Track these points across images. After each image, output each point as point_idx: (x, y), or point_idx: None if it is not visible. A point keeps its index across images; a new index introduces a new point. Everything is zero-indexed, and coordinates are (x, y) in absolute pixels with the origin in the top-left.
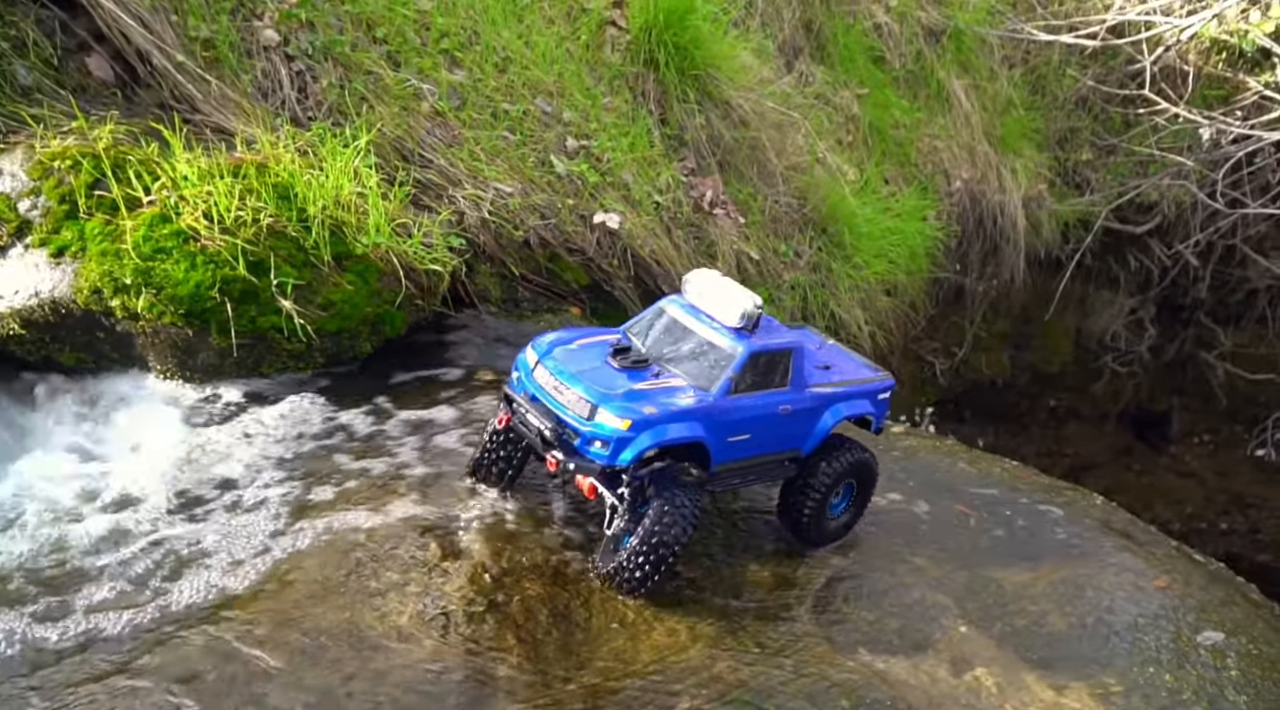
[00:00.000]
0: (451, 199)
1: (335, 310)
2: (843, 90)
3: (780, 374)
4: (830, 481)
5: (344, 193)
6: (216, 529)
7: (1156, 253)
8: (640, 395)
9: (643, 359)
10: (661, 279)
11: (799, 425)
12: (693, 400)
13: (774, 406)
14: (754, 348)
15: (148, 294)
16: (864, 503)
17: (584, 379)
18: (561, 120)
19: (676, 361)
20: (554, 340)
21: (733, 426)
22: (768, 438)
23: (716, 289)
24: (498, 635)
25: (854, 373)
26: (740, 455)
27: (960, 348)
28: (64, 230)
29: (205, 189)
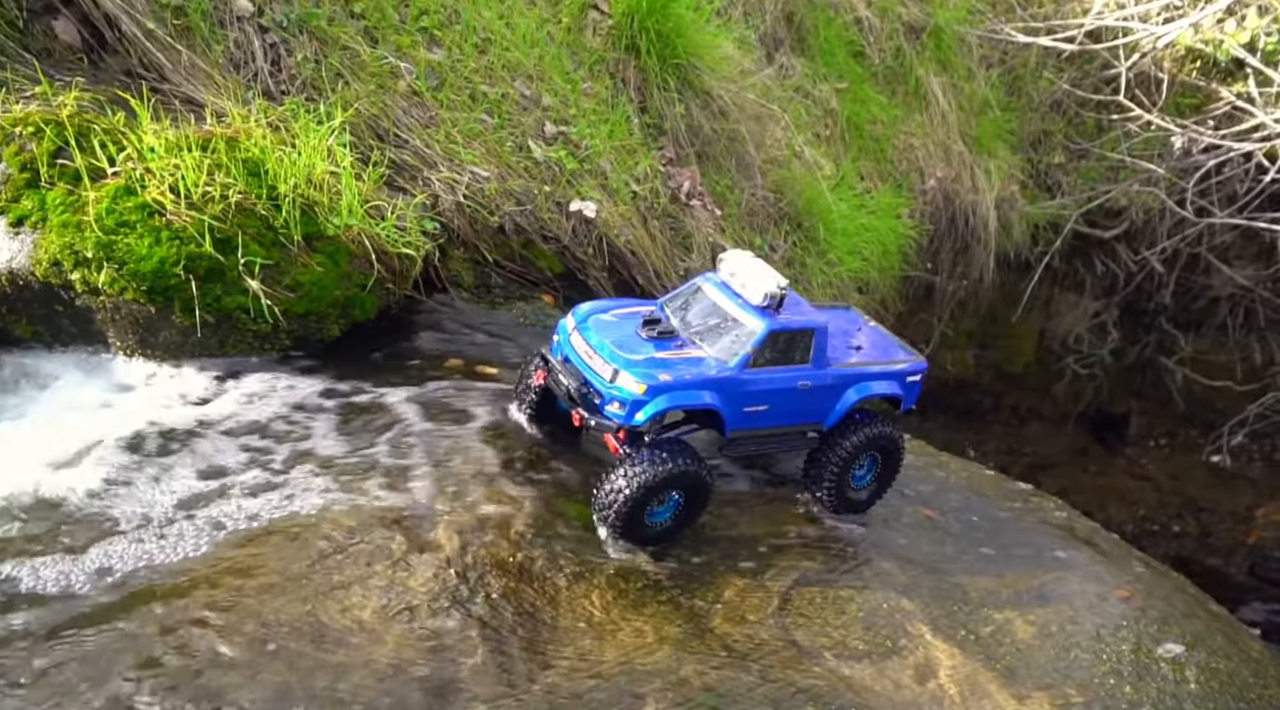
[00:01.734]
0: (426, 181)
1: (304, 292)
2: (821, 84)
3: (801, 351)
4: (849, 453)
5: (316, 171)
6: (167, 511)
7: (1123, 258)
8: (660, 363)
9: (670, 330)
10: (636, 269)
11: (820, 400)
12: (711, 371)
13: (793, 381)
14: (774, 326)
15: (109, 268)
16: (891, 475)
17: (611, 345)
18: (540, 105)
19: (704, 334)
20: (591, 309)
21: (750, 397)
22: (786, 410)
23: (747, 269)
24: (462, 632)
25: (885, 355)
26: (758, 424)
27: (926, 345)
28: (24, 199)
29: (172, 162)
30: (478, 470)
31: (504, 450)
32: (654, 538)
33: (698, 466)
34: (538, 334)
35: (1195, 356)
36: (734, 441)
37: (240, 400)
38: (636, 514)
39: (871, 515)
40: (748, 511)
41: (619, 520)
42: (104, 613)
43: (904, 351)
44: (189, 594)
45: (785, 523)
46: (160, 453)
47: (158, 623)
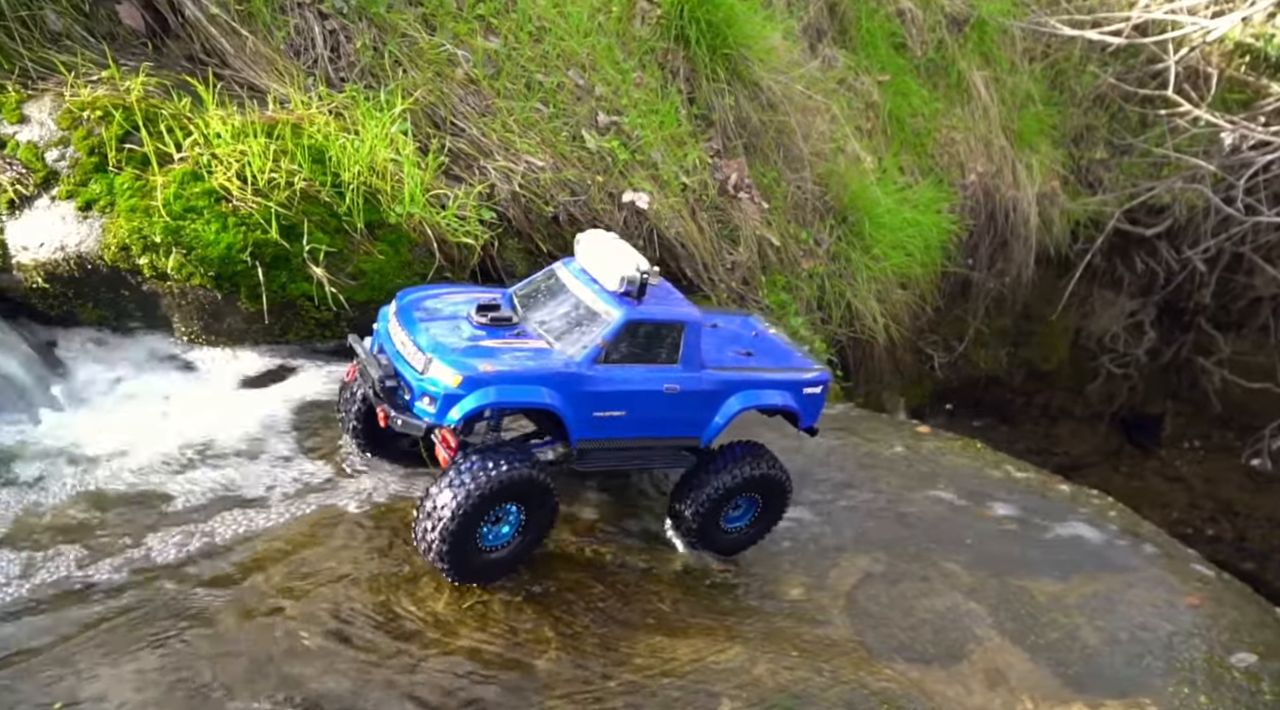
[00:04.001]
0: (482, 170)
1: (365, 280)
2: (863, 76)
3: (667, 349)
4: (722, 492)
5: (379, 159)
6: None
7: (1164, 256)
8: (484, 352)
9: (506, 317)
10: (685, 261)
11: (692, 409)
12: (550, 364)
13: (656, 383)
14: (632, 316)
15: (177, 254)
16: (769, 522)
17: (430, 331)
18: (594, 94)
19: (552, 325)
20: (421, 292)
21: (602, 399)
22: (650, 418)
23: (605, 251)
24: (536, 626)
25: (778, 363)
26: (614, 434)
27: (960, 342)
28: (93, 183)
29: (238, 148)
30: None
31: None
32: (492, 569)
33: (536, 470)
34: None
35: (1234, 358)
36: (585, 454)
37: (300, 386)
38: (466, 537)
39: (932, 513)
40: (804, 507)
41: (446, 546)
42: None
43: (804, 360)
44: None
45: (841, 515)
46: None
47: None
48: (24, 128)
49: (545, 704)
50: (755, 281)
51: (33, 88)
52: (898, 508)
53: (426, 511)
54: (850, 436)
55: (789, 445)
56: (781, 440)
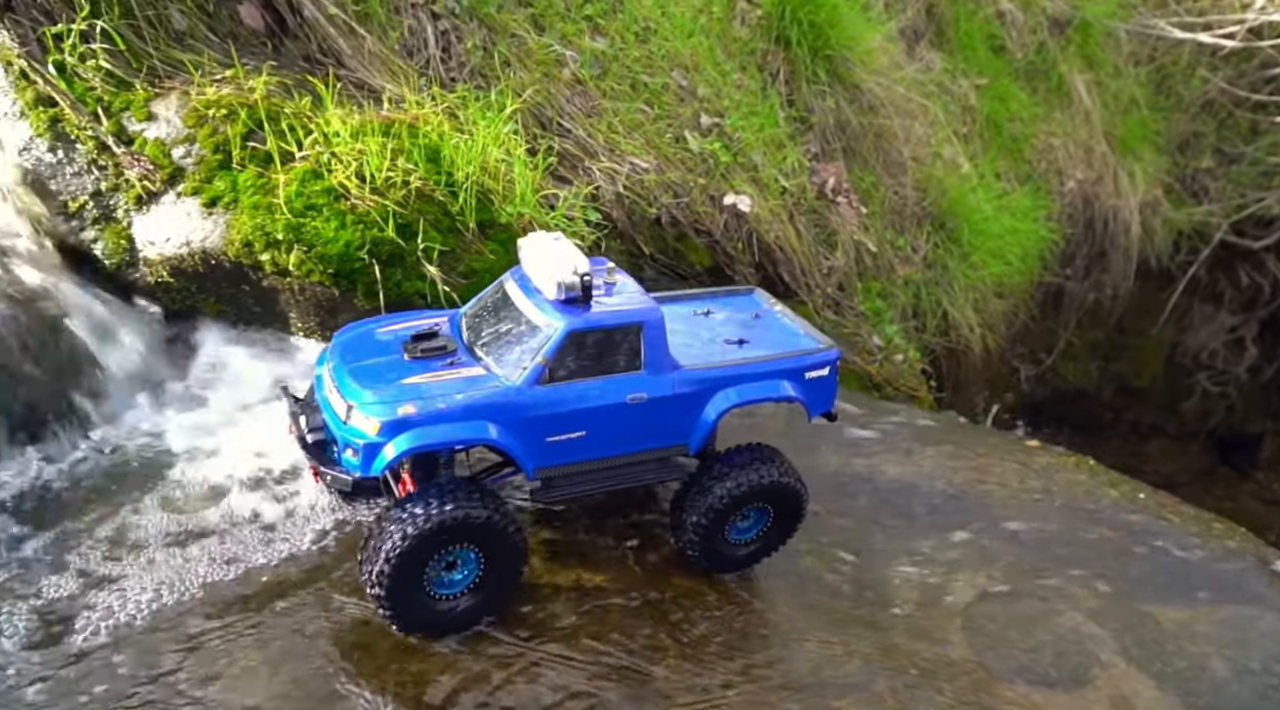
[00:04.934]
0: (587, 171)
1: (476, 279)
2: (961, 79)
3: (626, 355)
4: (726, 502)
5: (491, 159)
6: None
7: (1271, 270)
8: (407, 392)
9: (439, 347)
10: (783, 265)
11: (668, 417)
12: (485, 394)
13: (618, 395)
14: (575, 325)
15: (298, 251)
16: (783, 535)
17: (357, 374)
18: (696, 96)
19: (495, 345)
20: (360, 328)
21: (553, 423)
22: (619, 435)
23: (546, 255)
24: (654, 633)
25: (776, 347)
26: (579, 457)
27: (1048, 355)
28: (217, 180)
29: (357, 147)
30: None
31: None
32: (447, 621)
33: (490, 510)
34: None
35: None
36: (550, 483)
37: None
38: (408, 581)
39: (1048, 531)
40: (915, 520)
41: (383, 591)
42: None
43: (809, 339)
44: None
45: (953, 530)
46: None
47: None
48: (151, 125)
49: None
50: (851, 287)
51: (159, 86)
52: (1011, 525)
53: (367, 552)
54: (957, 449)
55: (885, 452)
56: (881, 452)
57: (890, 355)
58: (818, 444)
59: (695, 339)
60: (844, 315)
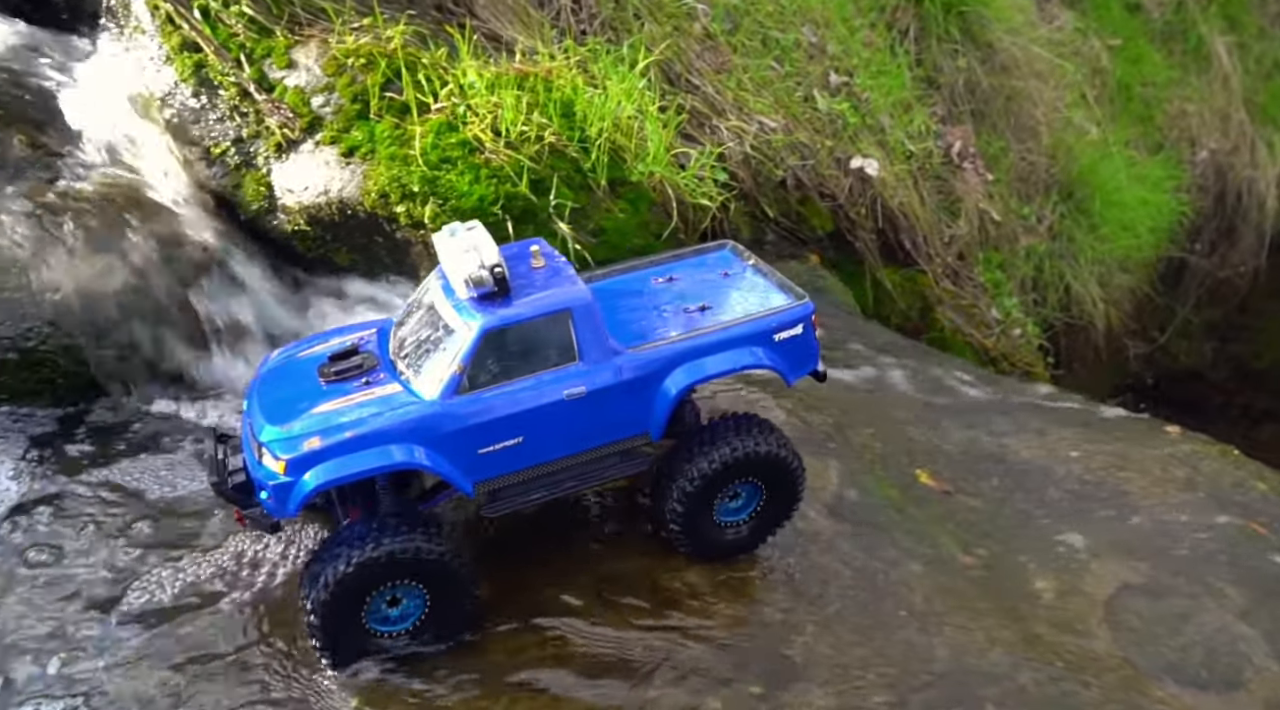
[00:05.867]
0: (714, 129)
1: (605, 238)
2: (1093, 39)
3: (557, 348)
4: (703, 479)
5: (624, 115)
6: None
7: None
8: (313, 423)
9: (355, 367)
10: (904, 233)
11: (617, 406)
12: (398, 414)
13: (552, 392)
14: (490, 324)
15: (434, 203)
16: (782, 511)
17: (268, 409)
18: (826, 53)
19: (415, 355)
20: (283, 354)
21: (481, 433)
22: (561, 435)
23: (459, 249)
24: (791, 607)
25: (742, 308)
26: (520, 465)
27: (1161, 333)
28: (354, 130)
29: (492, 100)
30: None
31: (799, 416)
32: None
33: (431, 547)
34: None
35: None
36: (495, 496)
37: None
38: (343, 617)
39: (1195, 524)
40: (1050, 505)
41: (316, 629)
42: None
43: (780, 296)
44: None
45: (1091, 517)
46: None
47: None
48: (292, 73)
49: (806, 690)
50: (971, 257)
51: (300, 33)
52: (1154, 515)
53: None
54: (1091, 433)
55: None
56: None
57: (1008, 329)
58: (940, 419)
59: (650, 311)
60: (962, 286)
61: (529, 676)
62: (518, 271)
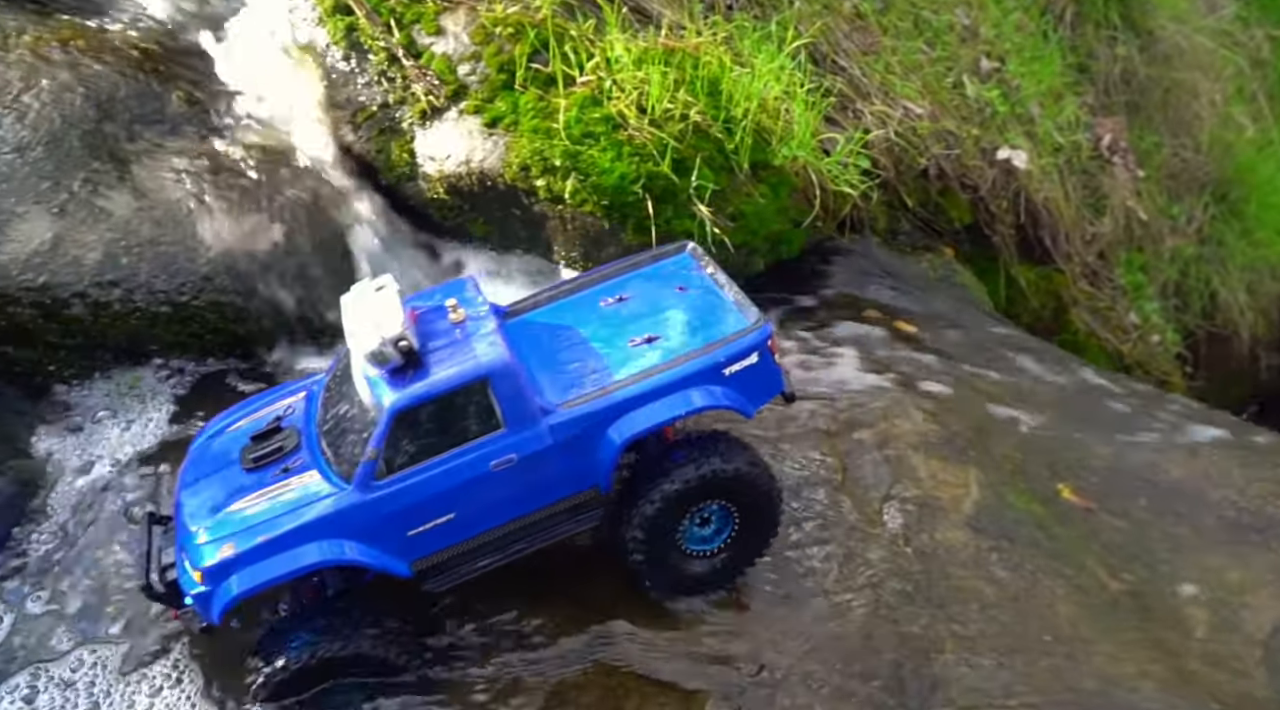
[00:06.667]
0: (858, 113)
1: (743, 222)
2: (1255, 29)
3: (477, 418)
4: (661, 505)
5: (770, 96)
6: None
7: None
8: (226, 525)
9: (275, 450)
10: (1045, 229)
11: (557, 467)
12: (313, 512)
13: (478, 465)
14: (397, 405)
15: (574, 178)
16: (760, 535)
17: (190, 504)
18: (978, 37)
19: (335, 433)
20: (213, 428)
21: (408, 516)
22: (497, 504)
23: (361, 316)
24: (930, 623)
25: (692, 338)
26: (457, 538)
27: None
28: (499, 100)
29: (639, 75)
30: (920, 440)
31: (940, 422)
32: None
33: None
34: (945, 293)
35: None
36: (436, 570)
37: None
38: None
39: None
40: (1202, 532)
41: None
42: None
43: (735, 318)
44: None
45: (1248, 547)
46: None
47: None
48: (440, 40)
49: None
50: (1113, 258)
51: (449, 0)
52: None
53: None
54: (1248, 454)
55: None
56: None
57: (1145, 335)
58: (1083, 430)
59: (592, 349)
60: (1100, 287)
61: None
62: (433, 330)
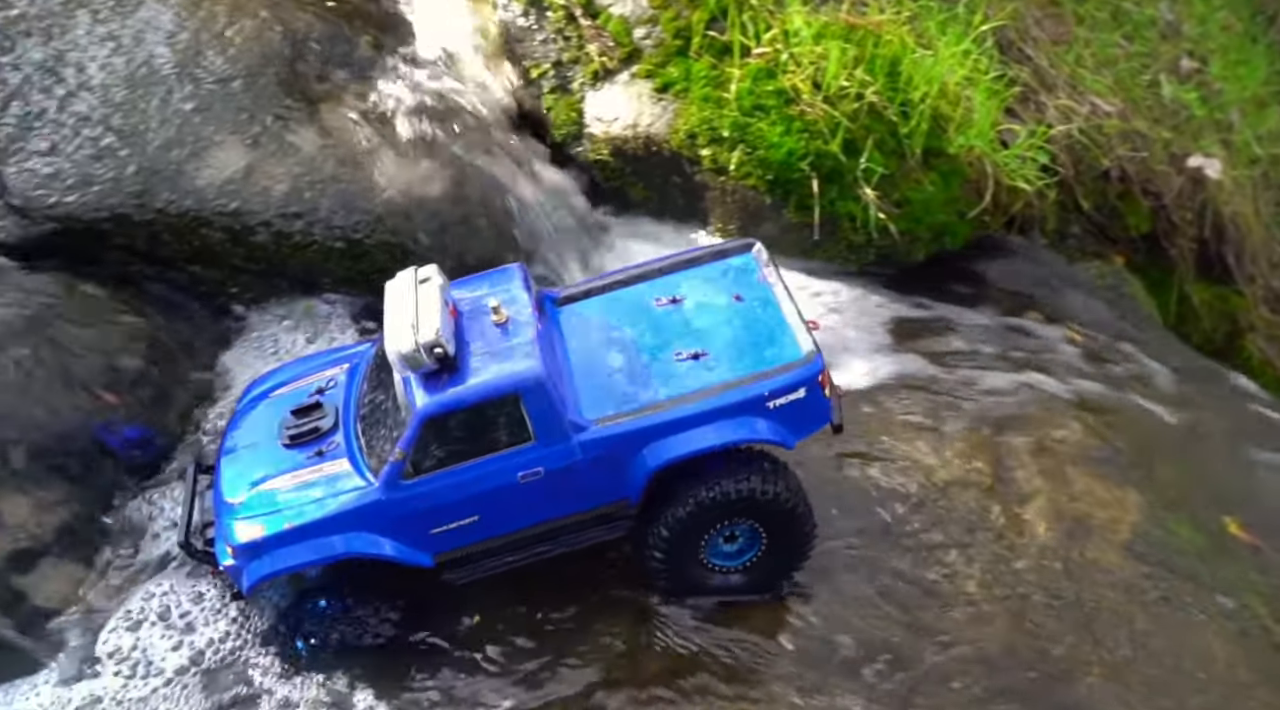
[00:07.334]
0: (1040, 106)
1: (909, 209)
2: None
3: (507, 429)
4: (681, 521)
5: (952, 81)
6: None
7: None
8: (262, 502)
9: (311, 429)
10: (1230, 246)
11: (585, 481)
12: (339, 504)
13: (505, 475)
14: (428, 411)
15: (741, 150)
16: (793, 549)
17: (229, 469)
18: (1181, 34)
19: (370, 422)
20: (262, 386)
21: (432, 516)
22: (522, 510)
23: (401, 310)
24: (1075, 644)
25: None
26: (479, 537)
27: None
28: (671, 65)
29: (817, 50)
30: (1078, 453)
31: (1100, 436)
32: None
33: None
34: (1112, 303)
35: None
36: (456, 565)
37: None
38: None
39: None
40: None
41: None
42: None
43: (788, 345)
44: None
45: None
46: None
47: None
48: (618, 1)
49: None
50: None
51: None
52: None
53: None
54: None
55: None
56: None
57: None
58: (1255, 462)
59: (637, 356)
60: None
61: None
62: (473, 330)
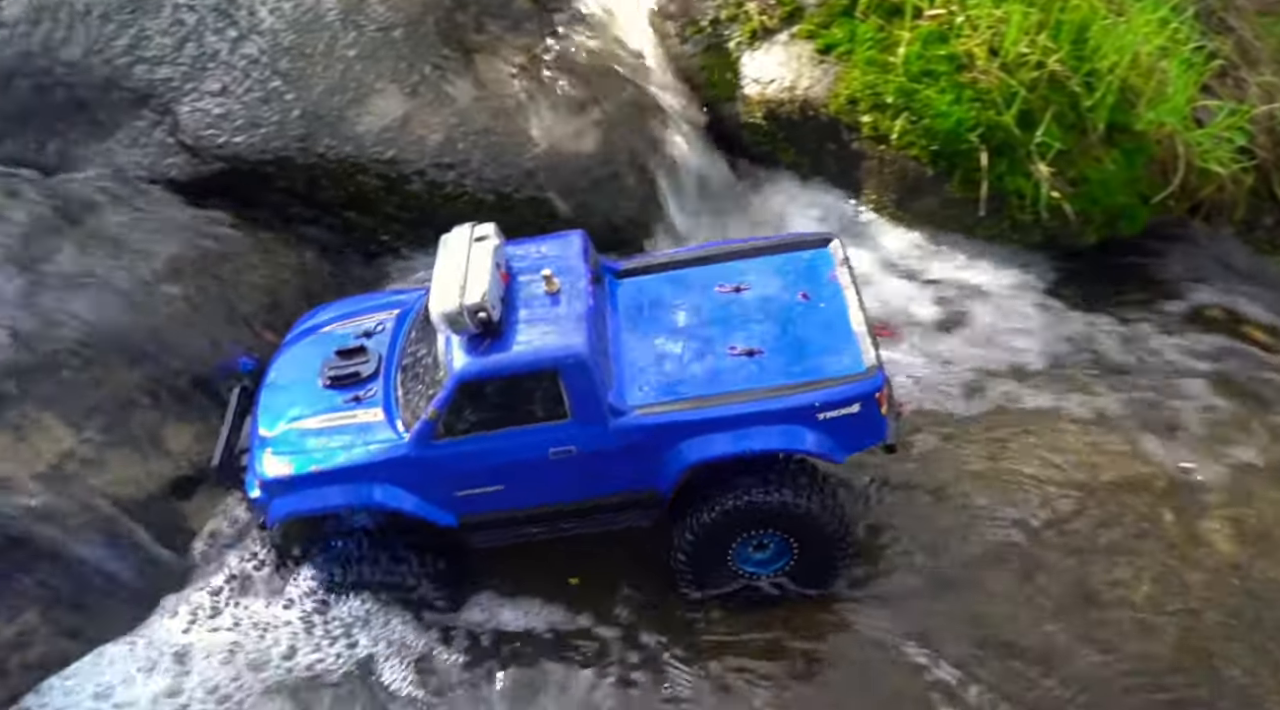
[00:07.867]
0: (1240, 83)
1: (1085, 189)
2: None
3: (543, 403)
4: (716, 521)
5: (1145, 52)
6: None
7: None
8: (293, 441)
9: (352, 374)
10: None
11: (617, 466)
12: (368, 453)
13: (536, 449)
14: (465, 374)
15: (905, 118)
16: (825, 560)
17: (268, 399)
18: None
19: (410, 374)
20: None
21: (459, 478)
22: (550, 486)
23: (453, 267)
24: (1254, 668)
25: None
26: (503, 506)
27: None
28: (835, 26)
29: (996, 13)
30: (1267, 464)
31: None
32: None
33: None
34: None
35: None
36: (476, 529)
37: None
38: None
39: None
40: None
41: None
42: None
43: (849, 356)
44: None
45: None
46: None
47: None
48: None
49: None
50: None
51: None
52: None
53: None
54: None
55: None
56: None
57: None
58: None
59: (689, 344)
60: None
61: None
62: (523, 298)
